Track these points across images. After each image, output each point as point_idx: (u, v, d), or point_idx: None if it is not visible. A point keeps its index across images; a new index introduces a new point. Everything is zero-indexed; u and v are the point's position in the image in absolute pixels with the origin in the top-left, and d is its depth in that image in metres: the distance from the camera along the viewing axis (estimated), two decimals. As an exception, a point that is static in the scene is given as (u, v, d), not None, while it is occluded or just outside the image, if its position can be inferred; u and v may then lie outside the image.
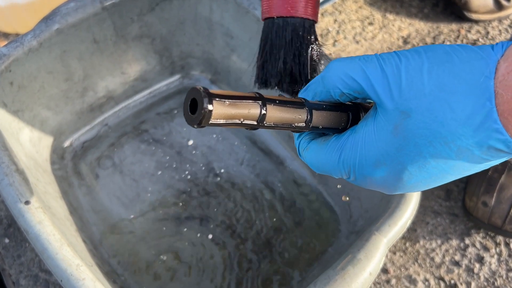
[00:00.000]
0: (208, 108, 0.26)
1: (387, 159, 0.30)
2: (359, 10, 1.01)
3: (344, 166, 0.33)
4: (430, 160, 0.29)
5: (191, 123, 0.27)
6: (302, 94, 0.35)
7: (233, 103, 0.28)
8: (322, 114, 0.33)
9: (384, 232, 0.52)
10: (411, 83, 0.29)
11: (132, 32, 0.70)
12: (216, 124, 0.27)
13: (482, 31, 0.99)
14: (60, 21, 0.61)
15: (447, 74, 0.28)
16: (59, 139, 0.71)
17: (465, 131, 0.27)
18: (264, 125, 0.30)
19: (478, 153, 0.28)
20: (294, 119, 0.31)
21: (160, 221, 0.68)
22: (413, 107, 0.28)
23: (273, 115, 0.30)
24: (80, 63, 0.67)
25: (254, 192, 0.71)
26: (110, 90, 0.73)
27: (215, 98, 0.27)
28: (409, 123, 0.29)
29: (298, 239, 0.68)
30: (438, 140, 0.28)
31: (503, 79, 0.27)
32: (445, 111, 0.28)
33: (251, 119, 0.29)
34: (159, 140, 0.75)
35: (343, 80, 0.31)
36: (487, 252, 0.71)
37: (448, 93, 0.28)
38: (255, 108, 0.29)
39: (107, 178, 0.71)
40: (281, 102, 0.30)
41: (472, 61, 0.28)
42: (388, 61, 0.30)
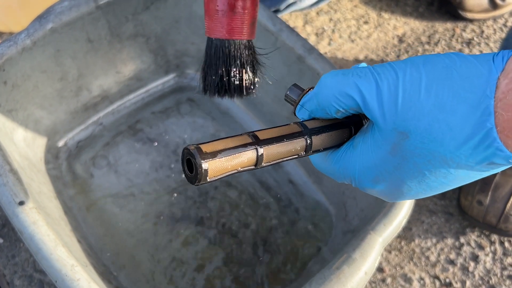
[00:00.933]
0: (203, 169, 0.27)
1: (386, 176, 0.30)
2: (355, 9, 1.01)
3: (345, 177, 0.33)
4: (430, 176, 0.29)
5: (190, 182, 0.28)
6: (299, 113, 0.34)
7: (227, 157, 0.28)
8: (322, 137, 0.32)
9: (379, 231, 0.52)
10: (408, 102, 0.28)
11: (127, 31, 0.70)
12: (215, 180, 0.28)
13: (477, 30, 0.99)
14: (54, 20, 0.61)
15: (447, 93, 0.27)
16: (54, 139, 0.71)
17: (465, 150, 0.27)
18: (263, 165, 0.30)
19: (477, 167, 0.28)
20: (293, 151, 0.31)
21: (155, 220, 0.68)
22: (411, 128, 0.28)
23: (270, 154, 0.29)
24: (74, 62, 0.67)
25: (250, 191, 0.71)
26: (105, 89, 0.73)
27: (208, 158, 0.27)
28: (407, 144, 0.28)
29: (293, 239, 0.68)
30: (437, 159, 0.28)
31: (503, 97, 0.26)
32: (444, 131, 0.27)
33: (249, 165, 0.29)
34: (154, 139, 0.75)
35: (338, 98, 0.30)
36: (482, 250, 0.71)
37: (447, 113, 0.27)
38: (250, 155, 0.29)
39: (102, 177, 0.71)
40: (277, 139, 0.30)
41: (472, 78, 0.27)
42: (384, 77, 0.29)
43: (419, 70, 0.28)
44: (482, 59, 0.27)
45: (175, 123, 0.77)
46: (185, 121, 0.77)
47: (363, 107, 0.29)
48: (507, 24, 1.00)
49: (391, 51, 0.95)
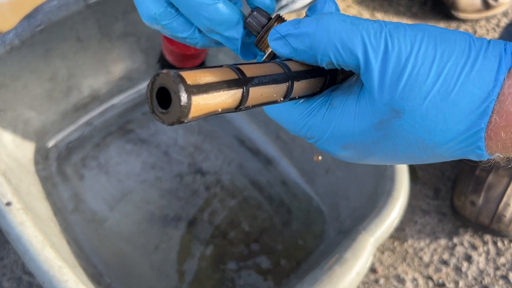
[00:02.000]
0: (187, 104, 0.21)
1: (358, 145, 0.28)
2: (347, 9, 1.00)
3: (308, 133, 0.29)
4: (400, 155, 0.28)
5: (162, 119, 0.23)
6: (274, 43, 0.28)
7: (213, 94, 0.23)
8: (302, 85, 0.28)
9: (371, 231, 0.51)
10: (414, 81, 0.25)
11: (117, 30, 0.69)
12: (192, 121, 0.23)
13: (470, 30, 0.99)
14: (43, 19, 0.60)
15: (455, 83, 0.25)
16: (43, 140, 0.70)
17: (449, 144, 0.26)
18: (241, 108, 0.25)
19: (449, 157, 0.28)
20: (274, 96, 0.27)
21: (147, 222, 0.67)
22: (407, 109, 0.26)
23: (254, 96, 0.25)
24: (64, 62, 0.66)
25: (242, 192, 0.71)
26: (95, 89, 0.72)
27: (193, 91, 0.22)
28: (397, 123, 0.26)
29: (286, 239, 0.67)
30: (419, 145, 0.27)
31: (503, 100, 0.25)
32: (438, 121, 0.26)
33: (231, 106, 0.24)
34: (145, 140, 0.74)
35: (337, 49, 0.26)
36: (475, 250, 0.71)
37: (449, 104, 0.25)
38: (236, 95, 0.24)
39: (92, 178, 0.70)
40: (263, 80, 0.25)
41: (483, 72, 0.25)
42: (397, 43, 0.25)
43: (435, 47, 0.25)
44: (495, 48, 0.26)
45: (166, 124, 0.76)
46: (176, 121, 0.76)
47: (363, 70, 0.26)
48: (500, 25, 1.00)
49: (384, 51, 0.95)
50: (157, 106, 0.23)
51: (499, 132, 0.25)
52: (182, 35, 0.32)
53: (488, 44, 0.26)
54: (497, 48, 0.26)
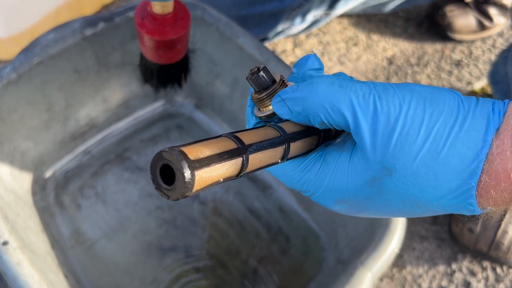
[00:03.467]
0: (191, 180, 0.22)
1: (352, 200, 0.29)
2: (344, 31, 1.01)
3: (303, 187, 0.30)
4: (394, 211, 0.29)
5: (167, 195, 0.23)
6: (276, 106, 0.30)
7: (214, 166, 0.23)
8: (297, 145, 0.29)
9: (368, 266, 0.51)
10: (404, 141, 0.26)
11: (114, 60, 0.69)
12: (196, 193, 0.23)
13: (466, 51, 1.00)
14: (40, 53, 0.61)
15: (444, 143, 0.26)
16: (41, 170, 0.70)
17: (441, 201, 0.27)
18: (241, 175, 0.26)
19: (442, 212, 0.28)
20: (272, 159, 0.27)
21: (144, 251, 0.67)
22: (398, 167, 0.26)
23: (253, 162, 0.26)
24: (61, 92, 0.67)
25: (240, 219, 0.70)
26: (92, 118, 0.73)
27: (196, 167, 0.22)
28: (389, 181, 0.27)
29: (284, 268, 0.67)
30: (411, 201, 0.27)
31: (492, 160, 0.25)
32: (430, 179, 0.26)
33: (232, 175, 0.25)
34: (143, 167, 0.74)
35: (327, 111, 0.27)
36: (474, 277, 0.71)
37: (439, 163, 0.26)
38: (237, 164, 0.25)
39: (90, 208, 0.70)
40: (261, 146, 0.26)
41: (471, 132, 0.26)
42: (386, 104, 0.26)
43: (424, 108, 0.26)
44: (484, 108, 0.26)
45: (164, 151, 0.76)
46: (174, 148, 0.76)
47: (354, 130, 0.27)
48: (495, 45, 1.01)
49: (381, 73, 0.95)
50: (161, 183, 0.23)
51: (489, 190, 0.26)
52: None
53: (477, 104, 0.26)
54: (486, 107, 0.26)
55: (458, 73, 0.96)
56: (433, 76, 0.95)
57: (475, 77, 0.96)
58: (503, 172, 0.25)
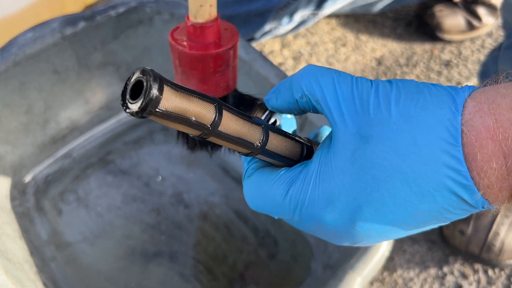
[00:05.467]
0: (156, 93, 0.22)
1: (341, 192, 0.27)
2: (332, 32, 0.99)
3: (291, 203, 0.29)
4: (389, 201, 0.26)
5: (130, 109, 0.22)
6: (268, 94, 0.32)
7: (187, 95, 0.24)
8: (277, 138, 0.29)
9: (358, 270, 0.50)
10: (377, 108, 0.27)
11: (96, 60, 0.67)
12: (162, 116, 0.23)
13: (455, 51, 0.99)
14: (17, 53, 0.58)
15: (415, 105, 0.26)
16: (20, 174, 0.68)
17: (428, 169, 0.25)
18: (216, 132, 0.26)
19: (440, 200, 0.25)
20: (249, 135, 0.28)
21: (127, 258, 0.65)
22: (374, 133, 0.26)
23: (228, 123, 0.26)
24: (41, 94, 0.64)
25: (226, 223, 0.69)
26: (74, 120, 0.70)
27: (167, 83, 0.22)
28: (368, 150, 0.26)
29: (272, 273, 0.65)
30: (399, 176, 0.26)
31: (470, 119, 0.25)
32: (408, 144, 0.25)
33: (205, 120, 0.25)
34: (127, 171, 0.72)
35: (310, 83, 0.29)
36: (465, 280, 0.70)
37: (413, 125, 0.26)
38: (209, 109, 0.25)
39: (71, 213, 0.68)
40: (238, 112, 0.27)
41: (441, 96, 0.26)
42: (360, 82, 0.28)
43: (392, 84, 0.27)
44: (451, 86, 0.27)
45: (148, 153, 0.74)
46: (159, 151, 0.74)
47: (330, 100, 0.28)
48: (484, 45, 1.00)
49: (369, 73, 0.94)
50: (127, 98, 0.23)
51: (475, 156, 0.24)
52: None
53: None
54: (452, 86, 0.27)
55: (447, 74, 0.95)
56: (423, 77, 0.94)
57: (465, 77, 0.95)
58: (484, 129, 0.24)
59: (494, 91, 0.25)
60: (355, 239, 0.28)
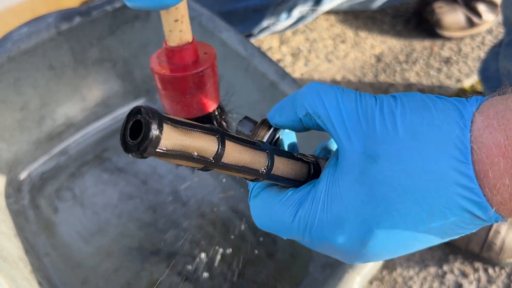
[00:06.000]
0: (156, 133, 0.21)
1: (350, 214, 0.26)
2: (331, 28, 0.99)
3: (300, 225, 0.28)
4: (399, 221, 0.25)
5: (130, 150, 0.22)
6: (271, 110, 0.31)
7: (187, 131, 0.23)
8: (283, 162, 0.29)
9: (357, 269, 0.49)
10: (382, 126, 0.26)
11: (92, 56, 0.66)
12: (164, 155, 0.22)
13: (455, 48, 0.98)
14: (12, 48, 0.58)
15: (421, 121, 0.25)
16: (15, 171, 0.67)
17: (438, 187, 0.24)
18: (219, 164, 0.25)
19: (452, 217, 0.25)
20: (253, 163, 0.27)
21: (124, 256, 0.64)
22: (380, 152, 0.25)
23: (232, 153, 0.25)
24: (36, 90, 0.64)
25: (225, 222, 0.68)
26: (70, 117, 0.70)
27: (166, 121, 0.22)
28: (376, 170, 0.25)
29: (271, 272, 0.65)
30: (408, 195, 0.25)
31: (479, 135, 0.24)
32: (416, 161, 0.24)
33: (207, 154, 0.24)
34: (123, 168, 0.71)
35: (313, 101, 0.28)
36: (465, 278, 0.69)
37: (421, 142, 0.25)
38: (212, 142, 0.24)
39: (67, 211, 0.67)
40: (241, 140, 0.26)
41: (447, 110, 0.25)
42: (364, 99, 0.27)
43: (396, 99, 0.26)
44: (457, 99, 0.26)
45: (145, 151, 0.73)
46: (156, 148, 0.74)
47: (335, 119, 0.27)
48: (484, 42, 0.99)
49: (369, 70, 0.93)
50: (127, 137, 0.22)
51: (487, 173, 0.24)
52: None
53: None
54: (458, 98, 0.26)
55: (447, 70, 0.95)
56: (422, 74, 0.93)
57: (465, 74, 0.94)
58: (495, 146, 0.23)
59: (503, 105, 0.24)
60: (366, 258, 0.28)
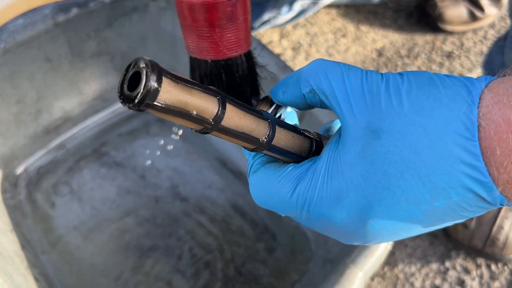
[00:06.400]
0: (154, 84, 0.21)
1: (351, 189, 0.26)
2: (332, 22, 0.98)
3: (298, 200, 0.27)
4: (400, 198, 0.25)
5: (127, 102, 0.21)
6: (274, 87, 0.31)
7: (187, 88, 0.22)
8: (285, 133, 0.28)
9: (359, 264, 0.48)
10: (387, 102, 0.25)
11: (89, 49, 0.65)
12: (161, 110, 0.22)
13: (457, 42, 0.97)
14: (7, 40, 0.57)
15: (427, 97, 0.24)
16: (12, 165, 0.66)
17: (442, 165, 0.23)
18: (219, 127, 0.24)
19: (455, 197, 0.24)
20: (254, 130, 0.26)
21: (122, 252, 0.63)
22: (384, 127, 0.25)
23: (232, 117, 0.25)
24: (32, 83, 0.63)
25: (224, 217, 0.67)
26: (67, 111, 0.69)
27: (166, 75, 0.21)
28: (379, 145, 0.25)
29: (270, 268, 0.64)
30: (411, 171, 0.24)
31: (487, 111, 0.23)
32: (421, 137, 0.24)
33: (206, 115, 0.23)
34: (121, 163, 0.70)
35: (318, 76, 0.27)
36: (468, 275, 0.68)
37: (426, 117, 0.24)
38: (212, 102, 0.24)
39: (64, 206, 0.66)
40: (243, 105, 0.26)
41: (455, 87, 0.24)
42: (370, 76, 0.26)
43: (403, 76, 0.26)
44: (466, 77, 0.25)
45: (143, 145, 0.72)
46: (154, 143, 0.73)
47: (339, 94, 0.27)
48: (487, 37, 0.98)
49: (370, 65, 0.92)
50: (124, 88, 0.22)
51: (494, 149, 0.23)
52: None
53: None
54: (467, 77, 0.25)
55: (449, 65, 0.94)
56: (424, 68, 0.92)
57: (467, 69, 0.93)
58: (504, 122, 0.22)
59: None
60: (366, 238, 0.27)
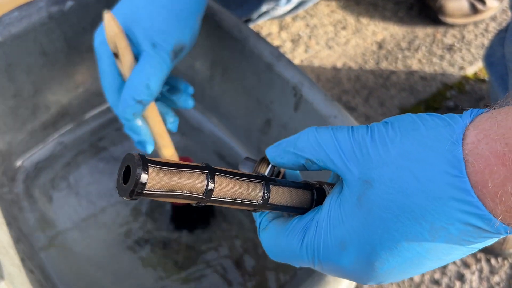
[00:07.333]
0: (141, 176, 0.23)
1: (353, 237, 0.27)
2: (332, 14, 0.97)
3: (308, 251, 0.29)
4: (401, 241, 0.26)
5: (122, 193, 0.23)
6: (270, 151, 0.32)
7: (174, 171, 0.24)
8: (281, 191, 0.29)
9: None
10: (375, 152, 0.27)
11: (86, 42, 0.65)
12: (154, 195, 0.24)
13: (458, 35, 0.96)
14: (2, 32, 0.56)
15: (411, 142, 0.26)
16: (9, 160, 0.66)
17: (435, 204, 0.24)
18: (212, 199, 0.26)
19: (455, 232, 0.24)
20: (248, 195, 0.27)
21: (119, 245, 0.63)
22: (375, 176, 0.26)
23: (223, 188, 0.26)
24: (29, 77, 0.62)
25: (222, 209, 0.67)
26: (64, 106, 0.68)
27: (151, 164, 0.23)
28: (372, 194, 0.26)
29: (268, 261, 0.64)
30: (406, 214, 0.25)
31: (473, 147, 0.24)
32: (410, 181, 0.25)
33: (197, 191, 0.25)
34: (119, 158, 0.70)
35: (314, 148, 0.29)
36: (467, 269, 0.68)
37: (412, 161, 0.25)
38: (200, 179, 0.25)
39: (62, 200, 0.66)
40: (232, 174, 0.27)
41: (439, 128, 0.25)
42: (356, 131, 0.28)
43: (387, 124, 0.27)
44: (450, 115, 0.26)
45: (141, 139, 0.72)
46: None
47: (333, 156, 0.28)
48: (488, 29, 0.97)
49: (370, 57, 0.91)
50: (120, 181, 0.24)
51: (486, 183, 0.23)
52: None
53: (441, 115, 0.27)
54: (452, 115, 0.26)
55: (450, 58, 0.93)
56: (425, 61, 0.92)
57: (468, 62, 0.93)
58: (492, 155, 0.23)
59: (503, 115, 0.24)
60: (378, 279, 0.28)
